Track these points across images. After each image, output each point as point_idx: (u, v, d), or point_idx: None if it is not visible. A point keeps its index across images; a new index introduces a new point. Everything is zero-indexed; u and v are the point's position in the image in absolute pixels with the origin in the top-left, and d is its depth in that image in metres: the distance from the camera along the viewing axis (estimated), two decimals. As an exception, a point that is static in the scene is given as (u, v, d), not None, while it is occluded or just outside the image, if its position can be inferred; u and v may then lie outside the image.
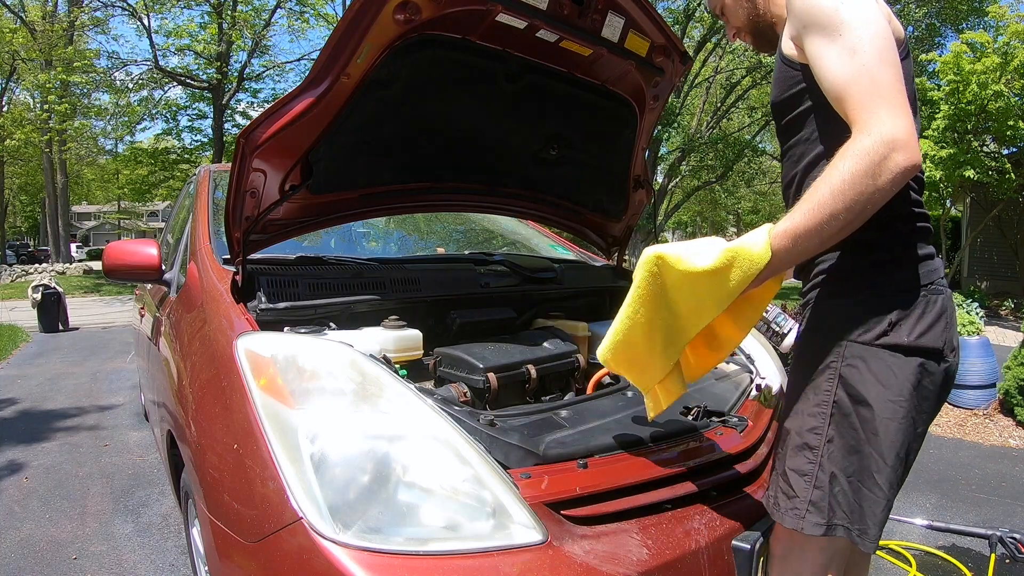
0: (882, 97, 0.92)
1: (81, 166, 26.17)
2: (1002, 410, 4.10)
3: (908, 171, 0.90)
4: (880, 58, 0.94)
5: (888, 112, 0.91)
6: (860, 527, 1.03)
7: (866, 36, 0.95)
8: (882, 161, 0.89)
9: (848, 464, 1.04)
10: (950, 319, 1.07)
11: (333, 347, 1.25)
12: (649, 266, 1.05)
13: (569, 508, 1.10)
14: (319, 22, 17.70)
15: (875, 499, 1.02)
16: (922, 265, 1.06)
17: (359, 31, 1.32)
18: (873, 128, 0.90)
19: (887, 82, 0.93)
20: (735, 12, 1.29)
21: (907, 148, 0.89)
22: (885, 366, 1.02)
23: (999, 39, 9.14)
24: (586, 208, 2.28)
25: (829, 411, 1.06)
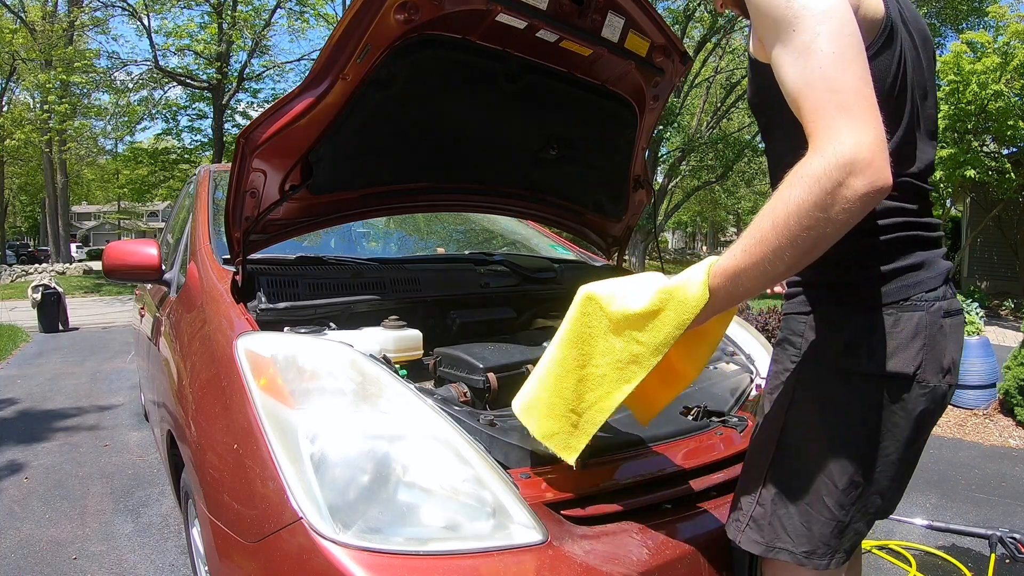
0: (841, 105, 0.77)
1: (81, 166, 26.16)
2: (1002, 410, 4.10)
3: (870, 197, 0.75)
4: (841, 57, 0.79)
5: (848, 125, 0.76)
6: (807, 550, 0.98)
7: (823, 33, 0.80)
8: (836, 189, 0.74)
9: (795, 486, 0.99)
10: (931, 338, 0.94)
11: (333, 347, 1.25)
12: (582, 307, 1.00)
13: (569, 508, 1.10)
14: (319, 22, 17.70)
15: (824, 521, 0.97)
16: (896, 280, 0.94)
17: (359, 31, 1.32)
18: (827, 147, 0.76)
19: (850, 86, 0.78)
20: None
21: (868, 170, 0.74)
22: (838, 390, 0.95)
23: (999, 39, 9.16)
24: (586, 208, 2.28)
25: (778, 432, 1.01)
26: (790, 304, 1.05)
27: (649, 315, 0.92)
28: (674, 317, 0.91)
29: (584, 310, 0.99)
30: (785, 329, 1.05)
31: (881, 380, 0.94)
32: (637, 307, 0.93)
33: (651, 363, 0.94)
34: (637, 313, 0.93)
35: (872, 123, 0.77)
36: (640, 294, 0.94)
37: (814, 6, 0.82)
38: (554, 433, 1.06)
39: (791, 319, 1.04)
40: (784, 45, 0.84)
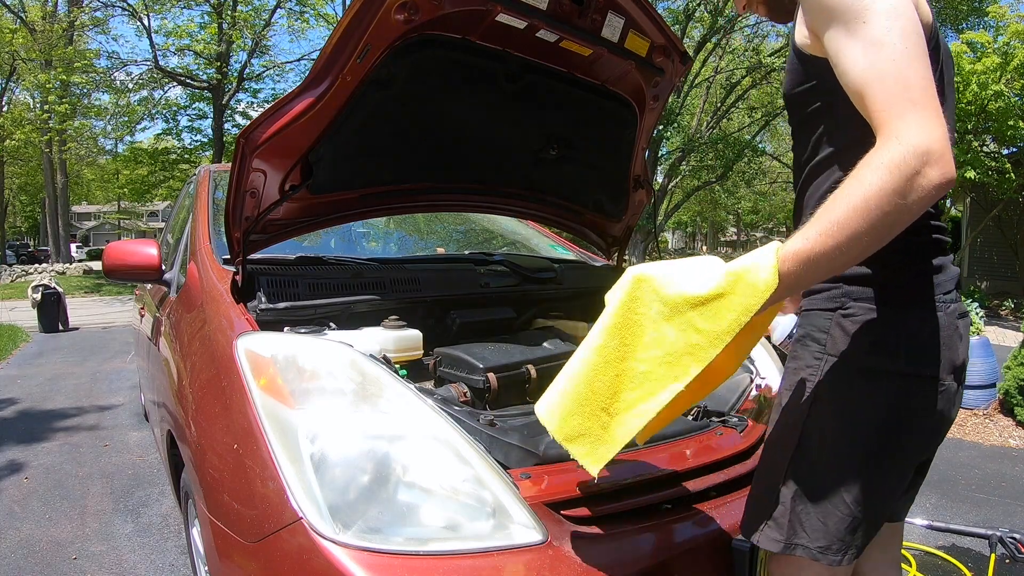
0: (913, 100, 0.79)
1: (81, 166, 26.15)
2: (1002, 410, 4.10)
3: (942, 188, 0.77)
4: (911, 55, 0.81)
5: (919, 118, 0.78)
6: (822, 545, 0.98)
7: (895, 28, 0.82)
8: (914, 177, 0.76)
9: (815, 482, 0.99)
10: (950, 339, 0.97)
11: (333, 347, 1.25)
12: (631, 290, 0.88)
13: (569, 508, 1.10)
14: (319, 22, 17.70)
15: (841, 517, 0.97)
16: (922, 281, 0.97)
17: (359, 31, 1.32)
18: (903, 136, 0.77)
19: (918, 83, 0.80)
20: None
21: (941, 162, 0.76)
22: (862, 388, 0.96)
23: (999, 39, 9.15)
24: (586, 208, 2.28)
25: (799, 429, 1.00)
26: (813, 301, 1.03)
27: (713, 300, 0.83)
28: (741, 303, 0.82)
29: (633, 294, 0.88)
30: (807, 326, 1.03)
31: (905, 379, 0.95)
32: (700, 290, 0.83)
33: (709, 356, 0.84)
34: (699, 297, 0.83)
35: (940, 119, 0.79)
36: (702, 276, 0.85)
37: (887, 4, 0.83)
38: (580, 435, 0.92)
39: (815, 316, 1.02)
40: (852, 37, 0.85)
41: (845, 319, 0.98)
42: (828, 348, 0.99)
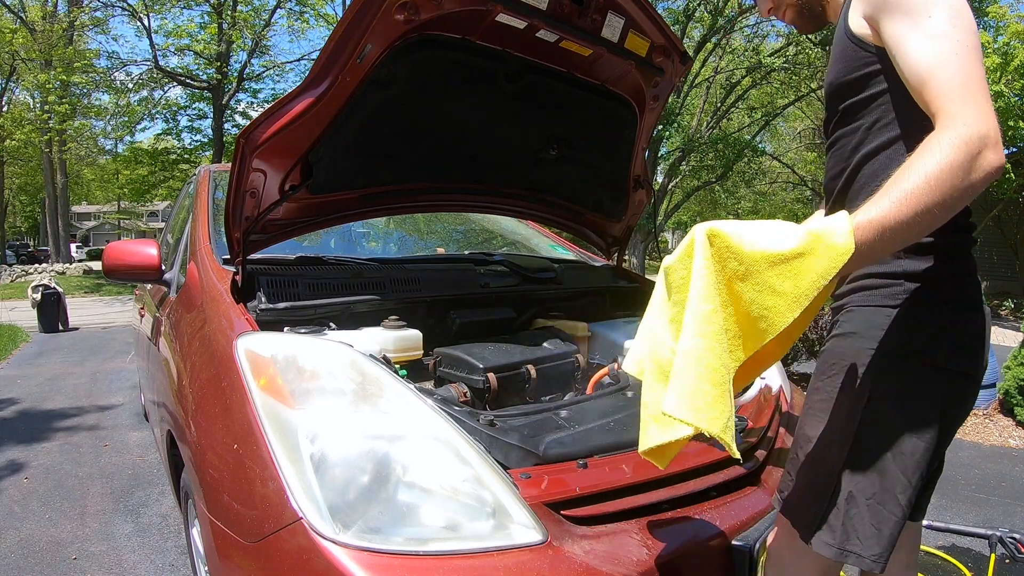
0: (972, 90, 0.84)
1: (81, 166, 26.16)
2: (1002, 410, 4.10)
3: (998, 171, 0.83)
4: (971, 49, 0.87)
5: (979, 107, 0.84)
6: (876, 552, 0.96)
7: (959, 24, 0.88)
8: (978, 155, 0.81)
9: (869, 484, 0.97)
10: (986, 339, 1.02)
11: (333, 347, 1.25)
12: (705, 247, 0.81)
13: (569, 508, 1.10)
14: (319, 22, 17.70)
15: (896, 521, 0.96)
16: (967, 281, 0.99)
17: (359, 31, 1.32)
18: (969, 119, 0.82)
19: (977, 75, 0.86)
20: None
21: (997, 148, 0.82)
22: (918, 384, 0.96)
23: (999, 39, 9.15)
24: (586, 208, 2.28)
25: (855, 427, 0.98)
26: (867, 297, 1.01)
27: (794, 259, 0.78)
28: (821, 265, 0.78)
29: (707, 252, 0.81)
30: (856, 322, 1.01)
31: (953, 376, 0.97)
32: (782, 247, 0.78)
33: (784, 321, 0.79)
34: (781, 255, 0.78)
35: (992, 113, 0.84)
36: (781, 234, 0.80)
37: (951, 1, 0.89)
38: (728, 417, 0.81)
39: (867, 312, 1.01)
40: (916, 27, 0.89)
41: (903, 316, 0.97)
42: (884, 344, 0.97)
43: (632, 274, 2.47)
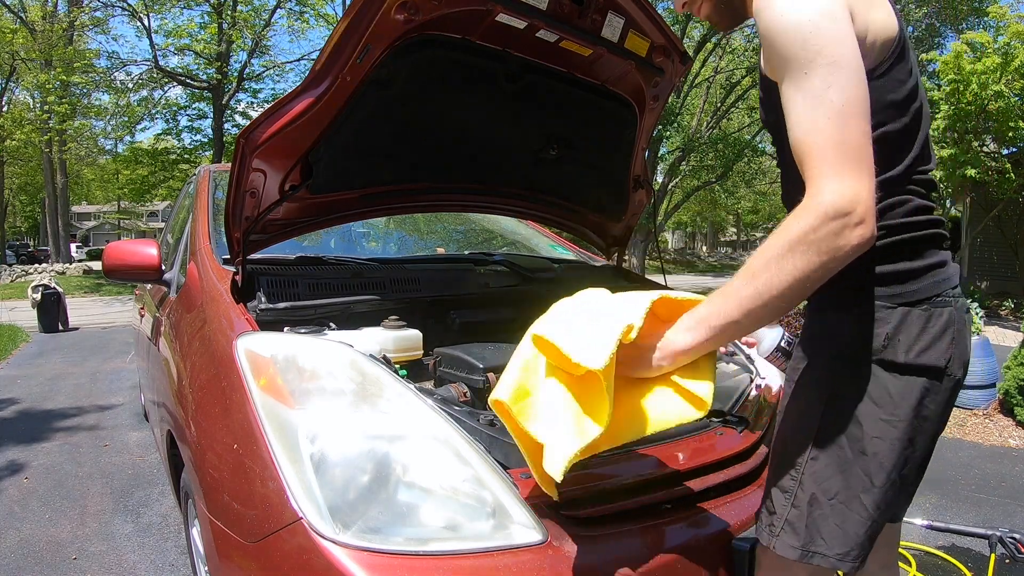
0: (842, 160, 0.82)
1: (81, 166, 26.18)
2: (1002, 410, 4.10)
3: (861, 247, 0.83)
4: (849, 112, 0.83)
5: (845, 178, 0.81)
6: (841, 551, 0.96)
7: (835, 84, 0.83)
8: (837, 233, 0.81)
9: (831, 485, 0.97)
10: (959, 333, 0.98)
11: (333, 347, 1.25)
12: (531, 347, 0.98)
13: (569, 508, 1.10)
14: (319, 22, 17.71)
15: (860, 521, 0.96)
16: (927, 276, 0.97)
17: (359, 31, 1.32)
18: (826, 195, 0.81)
19: (852, 142, 0.82)
20: None
21: (861, 224, 0.81)
22: (878, 384, 0.95)
23: (999, 39, 9.15)
24: (586, 208, 2.28)
25: (815, 428, 0.99)
26: (822, 301, 1.01)
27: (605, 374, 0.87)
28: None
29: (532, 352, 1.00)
30: (816, 326, 1.02)
31: (918, 373, 0.95)
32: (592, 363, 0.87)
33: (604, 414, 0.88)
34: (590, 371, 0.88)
35: (867, 180, 0.82)
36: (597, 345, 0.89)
37: (829, 52, 0.83)
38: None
39: (825, 315, 1.01)
40: (795, 85, 0.86)
41: (859, 318, 0.97)
42: (841, 347, 0.98)
43: (632, 274, 2.47)
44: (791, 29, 0.85)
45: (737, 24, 1.14)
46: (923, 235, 0.97)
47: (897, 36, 0.93)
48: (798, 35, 0.85)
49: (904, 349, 0.95)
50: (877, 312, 0.96)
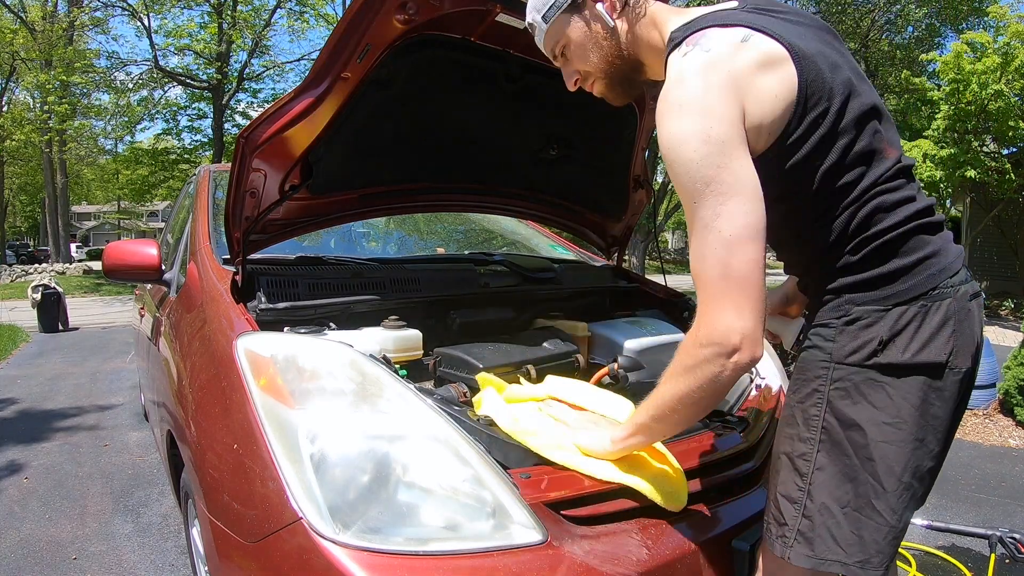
0: (726, 292, 0.88)
1: (81, 166, 26.16)
2: (1002, 410, 4.10)
3: (747, 367, 0.90)
4: (735, 242, 0.87)
5: (729, 309, 0.88)
6: (860, 559, 0.96)
7: (723, 214, 0.87)
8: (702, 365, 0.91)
9: (842, 493, 0.97)
10: (960, 324, 0.96)
11: (333, 347, 1.25)
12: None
13: (569, 508, 1.10)
14: (319, 22, 17.71)
15: (876, 527, 0.95)
16: (920, 270, 0.96)
17: (359, 31, 1.32)
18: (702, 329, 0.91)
19: (737, 273, 0.87)
20: (584, 54, 1.11)
21: (742, 352, 0.88)
22: (878, 387, 0.95)
23: (999, 39, 9.15)
24: (586, 208, 2.28)
25: (818, 437, 0.99)
26: (819, 315, 1.03)
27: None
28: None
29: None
30: (813, 337, 1.03)
31: (918, 372, 0.95)
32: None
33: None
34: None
35: (752, 308, 0.88)
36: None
37: (716, 182, 0.87)
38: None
39: (820, 327, 1.02)
40: (689, 211, 0.91)
41: (850, 325, 0.97)
42: (835, 355, 0.98)
43: (632, 274, 2.47)
44: (680, 160, 0.90)
45: (632, 99, 1.18)
46: (905, 230, 0.97)
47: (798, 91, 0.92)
48: (687, 167, 0.89)
49: (901, 349, 0.94)
50: (868, 317, 0.96)
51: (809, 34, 0.98)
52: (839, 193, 0.95)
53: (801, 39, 0.95)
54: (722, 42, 0.92)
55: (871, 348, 0.95)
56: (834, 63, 0.96)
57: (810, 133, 0.93)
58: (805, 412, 1.01)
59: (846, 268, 0.98)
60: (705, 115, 0.88)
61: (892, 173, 0.97)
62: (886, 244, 0.96)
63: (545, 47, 1.16)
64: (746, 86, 0.90)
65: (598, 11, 1.07)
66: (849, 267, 0.98)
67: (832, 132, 0.93)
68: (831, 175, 0.95)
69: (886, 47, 16.41)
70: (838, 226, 0.97)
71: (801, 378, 1.04)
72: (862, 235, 0.96)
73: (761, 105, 0.91)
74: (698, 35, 0.94)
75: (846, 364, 0.97)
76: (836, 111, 0.93)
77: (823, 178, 0.95)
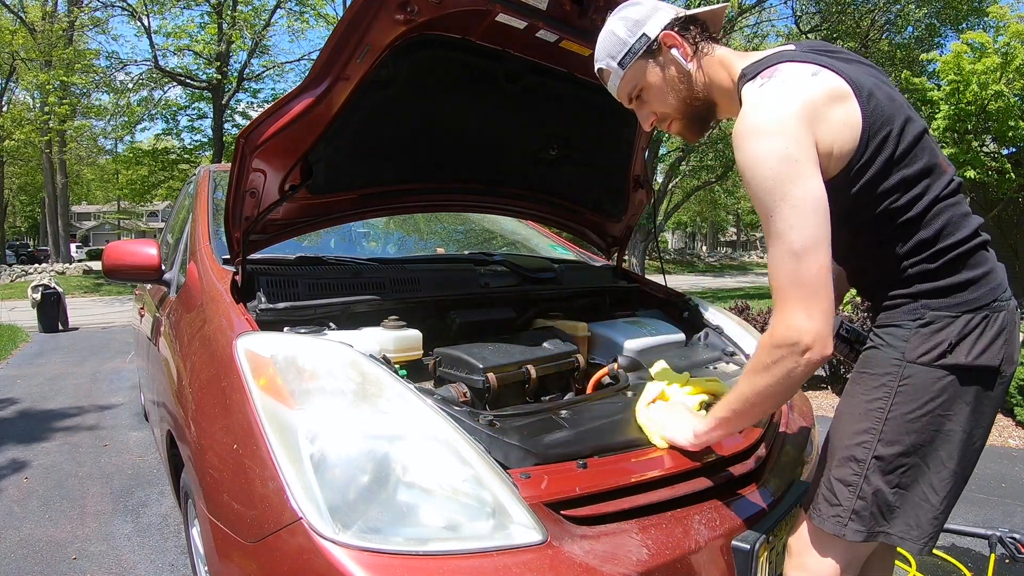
0: (799, 296, 0.98)
1: (81, 166, 26.19)
2: (1002, 410, 4.10)
3: (818, 364, 1.01)
4: (804, 250, 0.98)
5: (802, 312, 0.98)
6: (902, 531, 1.08)
7: (797, 223, 0.98)
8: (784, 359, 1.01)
9: (895, 477, 1.08)
10: (1010, 334, 1.08)
11: (333, 347, 1.25)
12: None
13: (569, 508, 1.10)
14: (319, 22, 17.69)
15: (926, 508, 1.07)
16: (980, 285, 1.07)
17: (359, 31, 1.32)
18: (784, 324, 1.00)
19: (807, 278, 0.98)
20: (662, 96, 1.19)
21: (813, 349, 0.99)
22: (942, 385, 1.05)
23: (999, 39, 9.15)
24: (586, 208, 2.28)
25: (881, 427, 1.08)
26: (891, 316, 1.12)
27: None
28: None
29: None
30: (886, 336, 1.11)
31: (977, 374, 1.06)
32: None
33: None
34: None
35: (818, 312, 0.99)
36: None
37: (790, 197, 0.98)
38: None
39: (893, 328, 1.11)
40: (765, 224, 1.02)
41: (924, 327, 1.07)
42: (908, 355, 1.07)
43: (632, 274, 2.47)
44: (757, 178, 1.00)
45: (705, 133, 1.27)
46: (974, 244, 1.07)
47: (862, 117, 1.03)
48: (763, 184, 0.99)
49: (965, 352, 1.04)
50: (941, 322, 1.06)
51: (863, 71, 1.09)
52: (908, 206, 1.05)
53: (859, 75, 1.06)
54: (796, 74, 1.03)
55: (942, 349, 1.05)
56: (889, 95, 1.07)
57: (876, 156, 1.03)
58: (870, 403, 1.10)
59: (923, 275, 1.08)
60: (783, 136, 0.98)
61: (952, 188, 1.07)
62: (960, 256, 1.06)
63: (620, 91, 1.23)
64: (819, 114, 1.00)
65: (673, 56, 1.16)
66: (926, 274, 1.07)
67: (894, 154, 1.04)
68: (900, 191, 1.05)
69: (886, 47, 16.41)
70: (915, 236, 1.06)
71: (869, 372, 1.12)
72: (939, 245, 1.06)
73: (832, 133, 1.02)
74: (772, 69, 1.05)
75: (916, 363, 1.06)
76: (896, 135, 1.04)
77: (893, 194, 1.05)
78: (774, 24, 16.07)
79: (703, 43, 1.16)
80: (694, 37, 1.16)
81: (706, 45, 1.16)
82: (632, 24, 1.16)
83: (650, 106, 1.22)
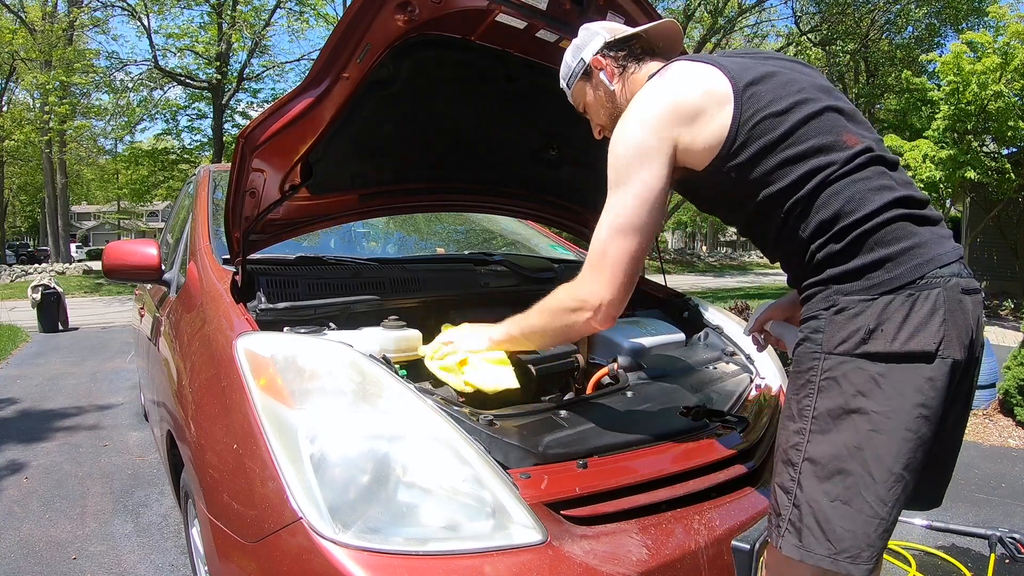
0: (602, 267, 1.12)
1: (81, 166, 26.19)
2: (1002, 410, 4.10)
3: (592, 330, 1.19)
4: (622, 230, 1.10)
5: (600, 281, 1.12)
6: (850, 554, 0.95)
7: (627, 202, 1.09)
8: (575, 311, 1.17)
9: (831, 485, 0.97)
10: (951, 313, 0.96)
11: (333, 347, 1.25)
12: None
13: (569, 508, 1.10)
14: (319, 22, 17.68)
15: (866, 520, 0.94)
16: (900, 262, 0.97)
17: (359, 31, 1.32)
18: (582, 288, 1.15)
19: (614, 256, 1.11)
20: (597, 111, 1.33)
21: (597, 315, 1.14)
22: (866, 376, 0.96)
23: (999, 39, 9.15)
24: (586, 208, 2.28)
25: (809, 427, 1.00)
26: (808, 307, 1.06)
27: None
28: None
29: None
30: (805, 330, 1.05)
31: (907, 360, 0.95)
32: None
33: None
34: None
35: (611, 288, 1.12)
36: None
37: (630, 181, 1.09)
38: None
39: (810, 320, 1.04)
40: (607, 197, 1.13)
41: (838, 315, 0.99)
42: (825, 346, 1.00)
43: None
44: (612, 156, 1.12)
45: None
46: (886, 218, 0.99)
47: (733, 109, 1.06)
48: (614, 162, 1.11)
49: (889, 338, 0.95)
50: (855, 307, 0.98)
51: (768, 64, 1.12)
52: (795, 187, 1.03)
53: (749, 66, 1.09)
54: (678, 73, 1.12)
55: (859, 337, 0.96)
56: (786, 80, 1.08)
57: (749, 141, 1.05)
58: (799, 403, 1.03)
59: (831, 258, 1.02)
60: (642, 127, 1.09)
61: (860, 162, 1.02)
62: (867, 232, 0.99)
63: (575, 107, 1.39)
64: (686, 113, 1.07)
65: (600, 78, 1.28)
66: (833, 257, 1.02)
67: (772, 136, 1.04)
68: (781, 172, 1.04)
69: (886, 47, 16.41)
70: (814, 218, 1.02)
71: (796, 371, 1.06)
72: (841, 223, 1.00)
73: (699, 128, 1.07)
74: (665, 68, 1.15)
75: (835, 354, 0.99)
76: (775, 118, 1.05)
77: (772, 175, 1.04)
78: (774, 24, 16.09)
79: (630, 63, 1.26)
80: (621, 59, 1.26)
81: (633, 64, 1.26)
82: (575, 50, 1.31)
83: (593, 120, 1.36)
